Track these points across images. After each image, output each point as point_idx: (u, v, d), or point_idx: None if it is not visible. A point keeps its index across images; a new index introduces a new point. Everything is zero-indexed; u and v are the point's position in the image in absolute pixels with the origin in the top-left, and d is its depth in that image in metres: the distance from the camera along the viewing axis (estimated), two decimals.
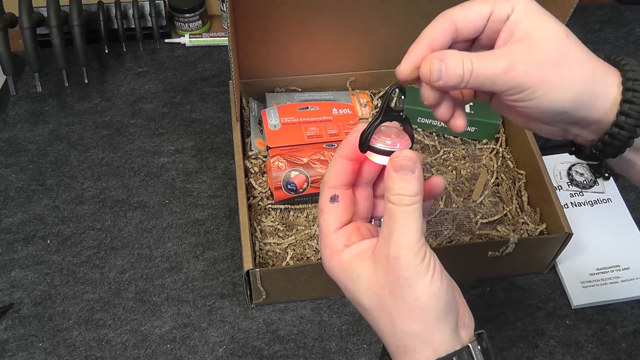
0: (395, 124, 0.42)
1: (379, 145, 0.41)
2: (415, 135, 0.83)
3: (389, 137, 0.41)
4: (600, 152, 0.41)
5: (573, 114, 0.40)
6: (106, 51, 0.96)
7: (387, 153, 0.41)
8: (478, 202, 0.77)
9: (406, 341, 0.39)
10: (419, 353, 0.39)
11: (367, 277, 0.40)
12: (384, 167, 0.42)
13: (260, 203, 0.76)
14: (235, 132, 0.76)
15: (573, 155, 0.45)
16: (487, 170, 0.81)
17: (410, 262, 0.38)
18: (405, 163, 0.39)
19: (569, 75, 0.38)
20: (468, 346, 0.39)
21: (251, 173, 0.77)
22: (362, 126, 0.41)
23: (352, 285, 0.41)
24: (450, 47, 0.42)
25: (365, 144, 0.41)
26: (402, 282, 0.38)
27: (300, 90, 0.87)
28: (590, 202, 0.80)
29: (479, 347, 0.39)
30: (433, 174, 0.79)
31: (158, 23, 0.97)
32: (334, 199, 0.43)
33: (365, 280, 0.40)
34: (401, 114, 0.41)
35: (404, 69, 0.41)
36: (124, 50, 0.98)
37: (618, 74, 0.40)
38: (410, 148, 0.41)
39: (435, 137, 0.84)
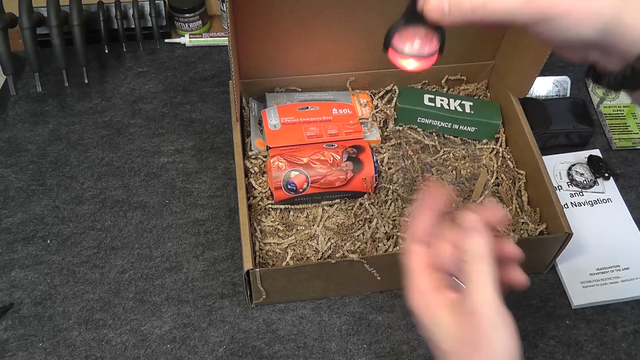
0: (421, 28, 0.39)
1: (401, 46, 0.39)
2: (415, 136, 0.83)
3: (415, 39, 0.39)
4: (619, 84, 0.39)
5: (598, 42, 0.37)
6: (106, 51, 0.96)
7: (410, 56, 0.39)
8: (478, 202, 0.77)
9: None
10: None
11: (448, 327, 0.42)
12: None
13: (260, 203, 0.76)
14: (235, 132, 0.76)
15: (590, 79, 0.43)
16: (487, 170, 0.81)
17: (490, 317, 0.40)
18: (472, 225, 0.42)
19: (597, 4, 0.35)
20: None
21: (251, 173, 0.77)
22: None
23: (434, 329, 0.44)
24: None
25: (387, 43, 0.39)
26: (481, 335, 0.40)
27: (300, 90, 0.87)
28: (590, 202, 0.80)
29: None
30: (433, 174, 0.79)
31: (158, 23, 0.97)
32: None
33: (445, 328, 0.43)
34: None
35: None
36: (124, 50, 0.98)
37: None
38: (441, 51, 0.39)
39: (435, 137, 0.84)
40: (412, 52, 0.39)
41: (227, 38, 0.98)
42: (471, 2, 0.36)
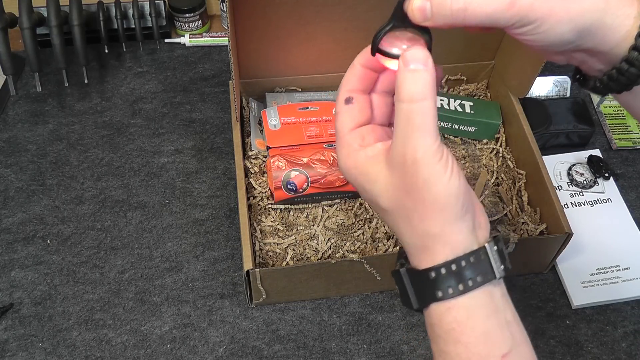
0: (410, 31, 0.40)
1: (389, 49, 0.39)
2: None
3: (403, 41, 0.39)
4: (604, 86, 0.39)
5: (579, 44, 0.37)
6: (106, 51, 0.96)
7: (398, 57, 0.39)
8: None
9: (425, 241, 0.39)
10: (437, 252, 0.39)
11: (384, 179, 0.40)
12: None
13: (260, 203, 0.76)
14: (235, 132, 0.76)
15: (577, 83, 0.42)
16: (487, 170, 0.81)
17: (429, 163, 0.37)
18: (417, 56, 0.37)
19: (578, 7, 0.35)
20: (484, 246, 0.39)
21: (251, 173, 0.77)
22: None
23: (369, 186, 0.41)
24: None
25: (374, 47, 0.40)
26: (421, 184, 0.38)
27: (300, 90, 0.87)
28: (590, 202, 0.80)
29: (495, 247, 0.40)
30: None
31: (158, 23, 0.97)
32: (348, 100, 0.42)
33: (382, 182, 0.40)
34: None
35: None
36: (124, 50, 0.98)
37: (638, 2, 0.36)
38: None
39: None
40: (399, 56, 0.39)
41: (227, 38, 0.98)
42: (452, 6, 0.36)
